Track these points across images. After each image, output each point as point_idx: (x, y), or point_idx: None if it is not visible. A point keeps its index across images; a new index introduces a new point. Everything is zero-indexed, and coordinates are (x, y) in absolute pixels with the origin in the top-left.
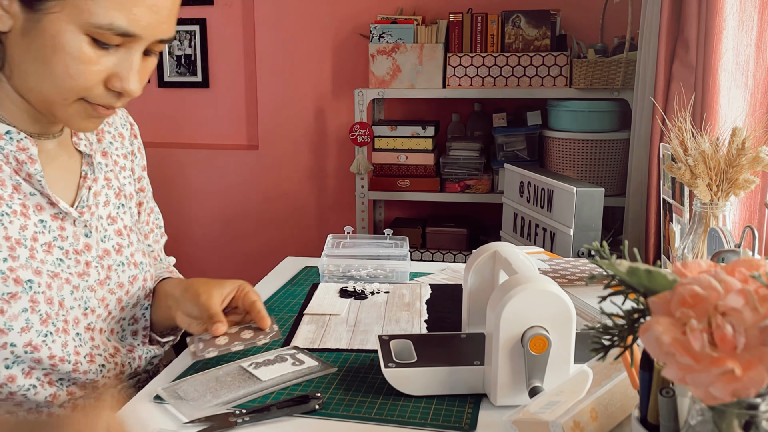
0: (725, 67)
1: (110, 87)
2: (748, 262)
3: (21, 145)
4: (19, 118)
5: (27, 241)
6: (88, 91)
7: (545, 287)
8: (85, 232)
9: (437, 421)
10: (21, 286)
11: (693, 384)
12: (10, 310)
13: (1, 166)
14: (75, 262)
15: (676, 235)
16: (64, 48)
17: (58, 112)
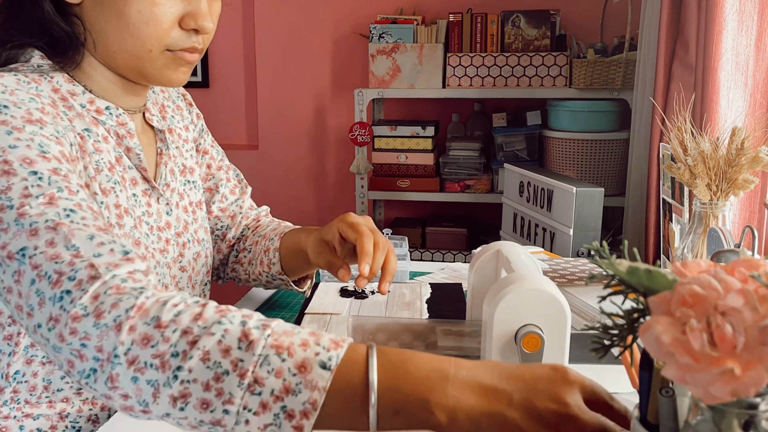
0: (725, 67)
1: (185, 27)
2: (748, 262)
3: (120, 120)
4: (110, 92)
5: (131, 210)
6: (166, 36)
7: (540, 286)
8: (167, 209)
9: None
10: None
11: (693, 383)
12: None
13: (107, 137)
14: (157, 238)
15: (676, 235)
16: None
17: (147, 69)
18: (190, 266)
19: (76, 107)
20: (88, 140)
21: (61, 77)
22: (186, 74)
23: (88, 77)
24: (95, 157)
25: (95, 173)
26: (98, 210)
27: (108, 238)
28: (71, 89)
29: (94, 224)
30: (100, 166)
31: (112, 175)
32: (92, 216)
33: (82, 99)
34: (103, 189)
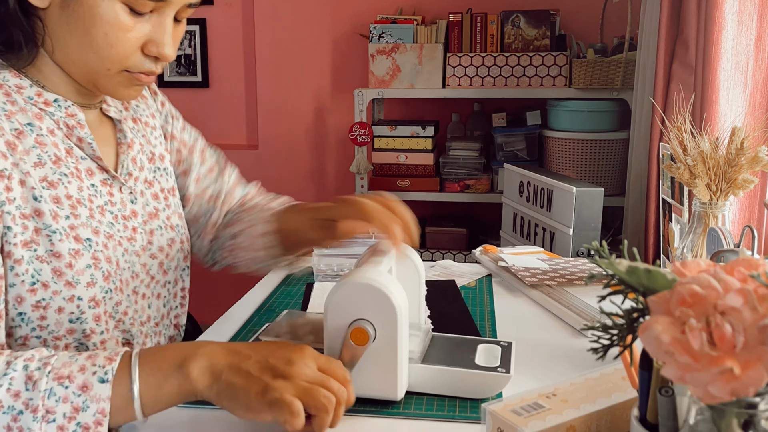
0: (724, 67)
1: (147, 53)
2: (747, 262)
3: (69, 112)
4: (63, 89)
5: (85, 201)
6: (127, 59)
7: (370, 282)
8: (131, 198)
9: (453, 413)
10: (81, 244)
11: (692, 383)
12: (77, 265)
13: (53, 130)
14: (123, 227)
15: (676, 234)
16: (102, 17)
17: (101, 83)
18: (162, 253)
19: (20, 102)
20: (30, 135)
21: (8, 72)
22: (138, 91)
23: (40, 73)
24: (35, 151)
25: (34, 168)
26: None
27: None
28: (18, 83)
29: None
30: (43, 159)
31: (57, 168)
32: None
33: (30, 92)
34: (50, 181)
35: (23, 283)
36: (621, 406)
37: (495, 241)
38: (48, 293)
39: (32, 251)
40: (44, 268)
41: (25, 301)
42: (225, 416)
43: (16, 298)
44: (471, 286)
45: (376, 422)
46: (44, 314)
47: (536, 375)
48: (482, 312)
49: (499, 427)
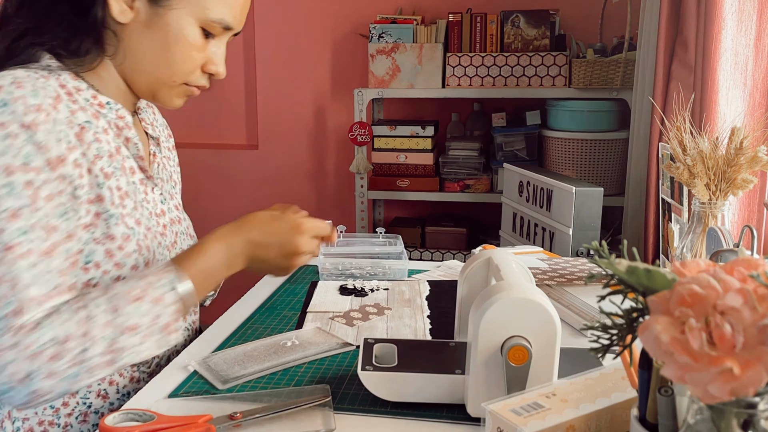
0: (724, 66)
1: (205, 70)
2: (747, 262)
3: (119, 114)
4: (115, 95)
5: (132, 194)
6: (191, 74)
7: (528, 295)
8: (161, 199)
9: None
10: (131, 230)
11: (692, 383)
12: (126, 248)
13: (107, 129)
14: (156, 223)
15: (675, 234)
16: (185, 37)
17: (162, 92)
18: None
19: (80, 101)
20: (89, 131)
21: (68, 75)
22: (184, 102)
23: (98, 79)
24: (95, 145)
25: (96, 158)
26: (54, 225)
27: (44, 268)
28: (77, 85)
29: (41, 247)
30: (101, 152)
31: (111, 161)
32: (44, 236)
33: (87, 94)
34: (106, 173)
35: (77, 262)
36: (620, 406)
37: (495, 241)
38: (99, 272)
39: (90, 233)
40: (98, 249)
41: (78, 278)
42: None
43: None
44: None
45: (375, 422)
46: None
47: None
48: None
49: (498, 426)
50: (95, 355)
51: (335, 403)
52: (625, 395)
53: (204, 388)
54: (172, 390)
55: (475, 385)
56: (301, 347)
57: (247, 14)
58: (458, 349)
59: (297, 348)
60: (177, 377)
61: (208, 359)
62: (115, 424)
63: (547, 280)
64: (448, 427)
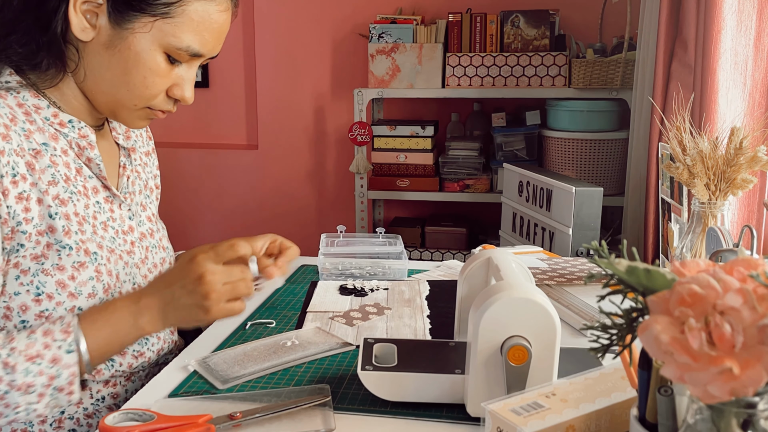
0: (724, 67)
1: (170, 95)
2: (747, 262)
3: (81, 133)
4: (78, 112)
5: (90, 218)
6: (154, 99)
7: (528, 295)
8: (129, 215)
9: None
10: (89, 257)
11: (691, 383)
12: (80, 277)
13: (66, 150)
14: (123, 241)
15: (675, 234)
16: (146, 62)
17: (122, 114)
18: (156, 269)
19: (38, 121)
20: (45, 155)
21: (27, 93)
22: (147, 123)
23: (60, 95)
24: (50, 171)
25: (48, 186)
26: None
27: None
28: (36, 103)
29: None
30: (56, 178)
31: (68, 186)
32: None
33: (47, 113)
34: (61, 199)
35: (28, 292)
36: (620, 406)
37: (494, 241)
38: (51, 304)
39: (39, 264)
40: (48, 280)
41: (30, 310)
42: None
43: (21, 306)
44: None
45: (375, 422)
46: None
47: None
48: None
49: (498, 426)
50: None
51: (335, 403)
52: (624, 395)
53: (204, 387)
54: (171, 390)
55: (475, 385)
56: (301, 347)
57: (247, 14)
58: (458, 349)
59: (297, 348)
60: (177, 377)
61: (207, 359)
62: (114, 424)
63: (547, 280)
64: (448, 427)
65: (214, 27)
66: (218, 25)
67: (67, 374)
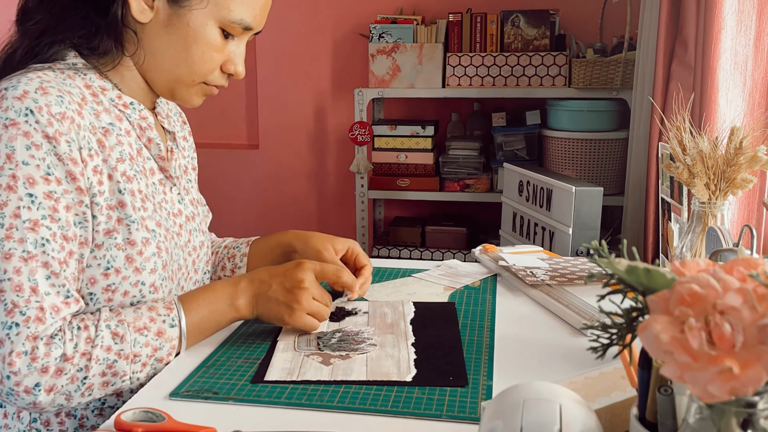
0: (723, 66)
1: (225, 70)
2: (747, 261)
3: (142, 115)
4: (136, 94)
5: (150, 197)
6: (211, 73)
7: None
8: (178, 198)
9: (452, 412)
10: (150, 233)
11: (691, 382)
12: (146, 252)
13: (129, 131)
14: (173, 223)
15: (675, 234)
16: (205, 38)
17: (180, 91)
18: (195, 252)
19: (105, 102)
20: (112, 134)
21: (94, 74)
22: (202, 100)
23: (120, 77)
24: (118, 149)
25: (117, 163)
26: (71, 234)
27: (60, 281)
28: (102, 85)
29: (59, 257)
30: (123, 155)
31: (133, 165)
32: (63, 245)
33: (112, 94)
34: (128, 176)
35: (99, 266)
36: (620, 405)
37: (495, 241)
38: (119, 278)
39: (112, 239)
40: (119, 255)
41: (98, 283)
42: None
43: (90, 278)
44: (475, 286)
45: (375, 422)
46: (111, 297)
47: (536, 374)
48: (483, 312)
49: None
50: (94, 374)
51: (335, 402)
52: (624, 394)
53: (205, 387)
54: (172, 390)
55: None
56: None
57: None
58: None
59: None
60: (176, 377)
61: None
62: (130, 421)
63: (547, 280)
64: (448, 426)
65: (261, 0)
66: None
67: (168, 347)
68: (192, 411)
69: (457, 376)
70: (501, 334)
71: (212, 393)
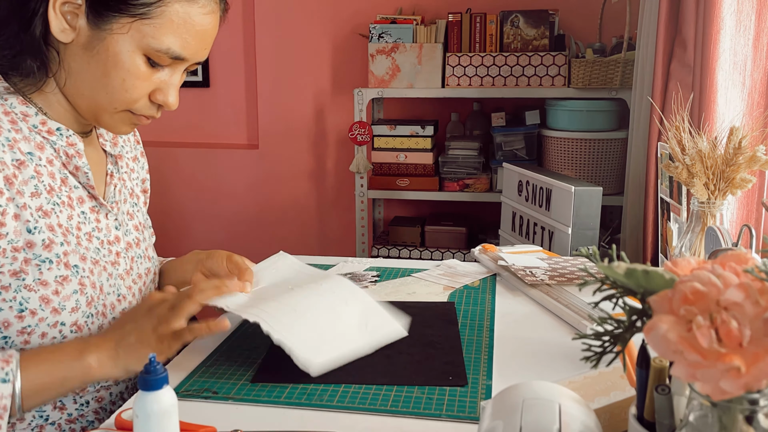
0: (723, 66)
1: (153, 100)
2: (737, 257)
3: (70, 141)
4: (64, 118)
5: (73, 229)
6: (135, 103)
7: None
8: (116, 225)
9: (452, 411)
10: (70, 270)
11: (703, 380)
12: (63, 291)
13: (52, 160)
14: (108, 251)
15: (674, 233)
16: (124, 65)
17: (104, 118)
18: (140, 280)
19: (24, 130)
20: (30, 165)
21: (15, 99)
22: (132, 128)
23: (45, 101)
24: (33, 182)
25: (31, 198)
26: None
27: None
28: (24, 110)
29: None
30: (40, 189)
31: (51, 197)
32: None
33: (35, 120)
34: (44, 210)
35: (11, 308)
36: (619, 405)
37: (494, 240)
38: (35, 320)
39: (20, 280)
40: (32, 296)
41: (12, 326)
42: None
43: (3, 322)
44: (475, 286)
45: (375, 421)
46: (28, 339)
47: (535, 374)
48: (482, 311)
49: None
50: None
51: (334, 402)
52: (624, 394)
53: (204, 386)
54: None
55: None
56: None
57: (247, 14)
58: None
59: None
60: (177, 377)
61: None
62: (130, 418)
63: (546, 280)
64: (448, 426)
65: (196, 30)
66: (201, 27)
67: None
68: (192, 410)
69: (456, 375)
70: (500, 334)
71: (212, 392)
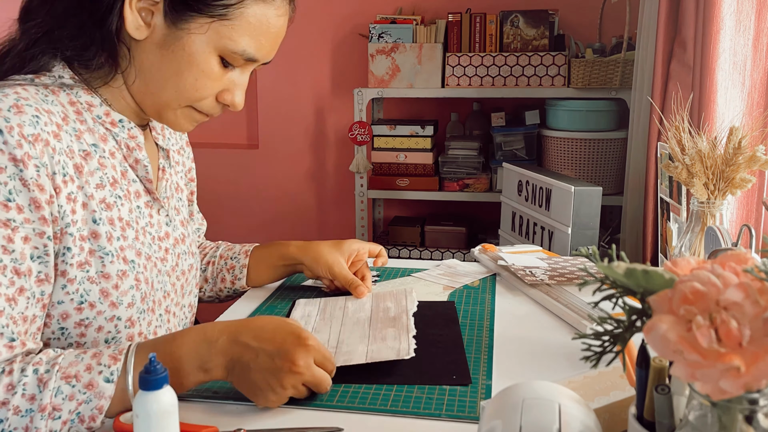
0: (722, 66)
1: (220, 100)
2: (736, 256)
3: (131, 133)
4: (126, 111)
5: (133, 223)
6: (201, 101)
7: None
8: (166, 221)
9: (452, 411)
10: (128, 265)
11: (703, 380)
12: (122, 286)
13: (114, 152)
14: (158, 248)
15: (674, 233)
16: (199, 65)
17: (167, 114)
18: (183, 276)
19: (89, 121)
20: (94, 156)
21: (81, 89)
22: (193, 126)
23: (111, 94)
24: (98, 173)
25: (96, 189)
26: (26, 269)
27: (2, 321)
28: (89, 100)
29: (6, 292)
30: (104, 181)
31: (114, 190)
32: (9, 282)
33: (99, 111)
34: (107, 203)
35: (72, 301)
36: (619, 404)
37: (494, 240)
38: (93, 313)
39: (85, 272)
40: (93, 288)
41: (70, 317)
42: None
43: (62, 314)
44: (474, 285)
45: (375, 421)
46: (84, 332)
47: (535, 374)
48: (482, 311)
49: None
50: (14, 428)
51: (334, 401)
52: (623, 393)
53: (205, 386)
54: None
55: None
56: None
57: None
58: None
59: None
60: None
61: None
62: (130, 422)
63: (546, 280)
64: (448, 426)
65: (271, 31)
66: (276, 29)
67: (93, 406)
68: (193, 410)
69: (460, 374)
70: (500, 334)
71: (213, 392)
